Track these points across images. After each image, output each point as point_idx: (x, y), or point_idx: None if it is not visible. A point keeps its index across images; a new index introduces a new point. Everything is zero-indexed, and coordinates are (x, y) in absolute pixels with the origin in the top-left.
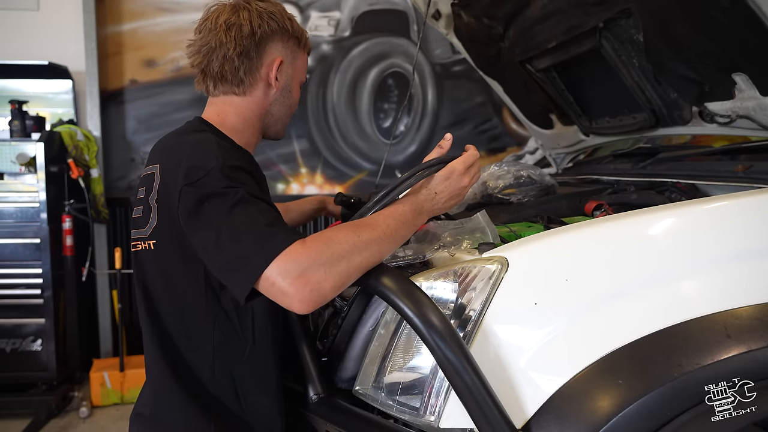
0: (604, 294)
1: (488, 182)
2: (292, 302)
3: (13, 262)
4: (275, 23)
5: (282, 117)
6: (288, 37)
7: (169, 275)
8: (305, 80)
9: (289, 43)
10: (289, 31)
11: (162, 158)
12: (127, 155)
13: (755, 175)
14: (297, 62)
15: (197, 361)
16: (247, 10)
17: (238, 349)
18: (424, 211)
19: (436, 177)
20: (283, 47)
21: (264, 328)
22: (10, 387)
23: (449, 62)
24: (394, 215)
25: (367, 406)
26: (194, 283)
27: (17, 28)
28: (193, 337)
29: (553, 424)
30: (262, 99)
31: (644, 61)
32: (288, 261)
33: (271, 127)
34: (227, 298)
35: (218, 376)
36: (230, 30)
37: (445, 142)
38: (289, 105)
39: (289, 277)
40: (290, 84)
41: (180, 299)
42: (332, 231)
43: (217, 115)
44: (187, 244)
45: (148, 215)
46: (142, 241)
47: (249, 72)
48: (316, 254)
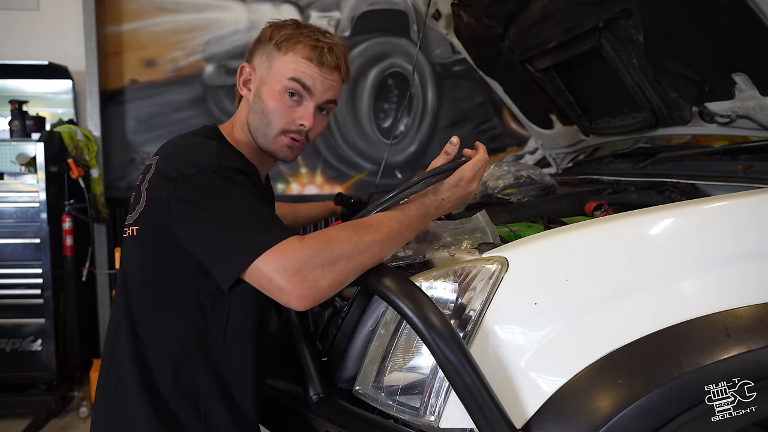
0: (604, 294)
1: (488, 182)
2: (290, 298)
3: (13, 262)
4: (261, 34)
5: (260, 128)
6: (267, 44)
7: (148, 262)
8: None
9: (267, 49)
10: (267, 38)
11: (163, 152)
12: (127, 155)
13: (755, 175)
14: (273, 65)
15: (163, 357)
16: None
17: (206, 347)
18: (430, 216)
19: (445, 183)
20: (260, 54)
21: (237, 330)
22: (10, 387)
23: (449, 62)
24: (399, 218)
25: (367, 406)
26: (172, 272)
27: (17, 28)
28: (163, 329)
29: (553, 424)
30: (243, 109)
31: (644, 61)
32: (286, 258)
33: (257, 140)
34: (206, 292)
35: (182, 375)
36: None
37: (451, 147)
38: (261, 112)
39: (287, 274)
40: (261, 89)
41: (156, 287)
42: (334, 230)
43: (229, 125)
44: (169, 233)
45: (137, 203)
46: (128, 227)
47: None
48: (315, 252)
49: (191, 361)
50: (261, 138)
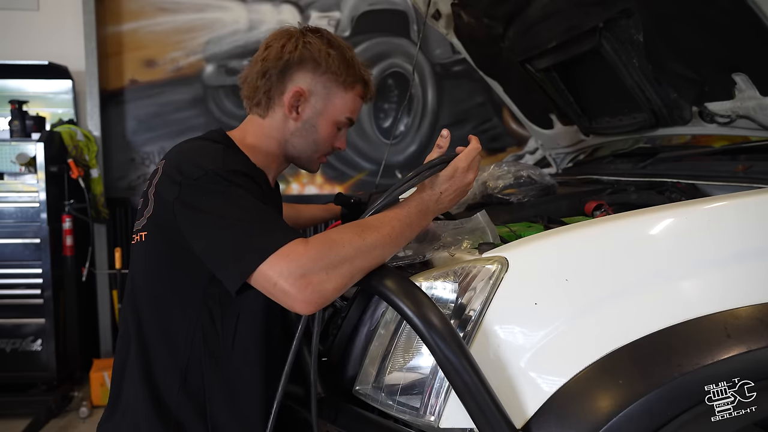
0: (604, 294)
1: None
2: (295, 303)
3: (13, 262)
4: (308, 53)
5: (305, 151)
6: (322, 71)
7: (157, 268)
8: (347, 121)
9: (322, 78)
10: (323, 65)
11: (170, 156)
12: (127, 155)
13: (755, 175)
14: (332, 99)
15: (171, 365)
16: (290, 37)
17: (214, 353)
18: (430, 212)
19: (440, 176)
20: (312, 79)
21: (246, 335)
22: (10, 387)
23: (449, 62)
24: (399, 217)
25: (367, 406)
26: (181, 278)
27: (17, 28)
28: (172, 336)
29: (553, 424)
30: (281, 126)
31: (644, 61)
32: (290, 262)
33: (296, 160)
34: (214, 297)
35: (190, 383)
36: (264, 50)
37: (443, 140)
38: (312, 140)
39: (291, 278)
40: (315, 119)
41: (165, 294)
42: (336, 232)
43: (239, 131)
44: (177, 238)
45: (145, 208)
46: (136, 234)
47: (267, 94)
48: (319, 255)
49: (200, 369)
50: (302, 160)
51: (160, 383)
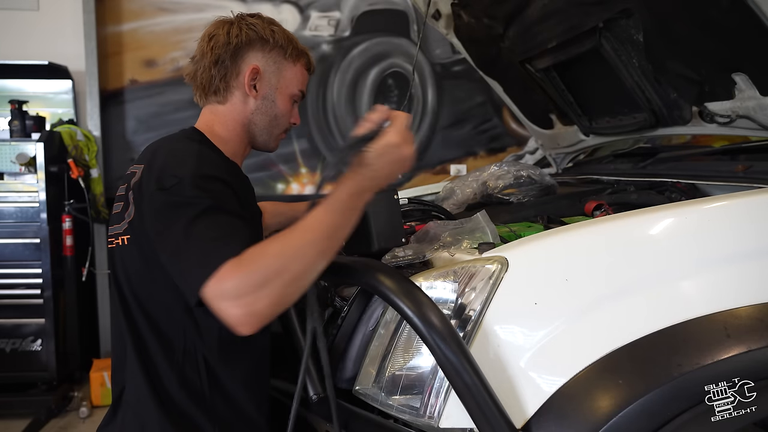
0: (604, 294)
1: (488, 182)
2: (233, 325)
3: (13, 262)
4: (254, 33)
5: (266, 127)
6: (269, 47)
7: (142, 272)
8: (299, 94)
9: (272, 54)
10: (270, 41)
11: (146, 159)
12: (127, 155)
13: (755, 175)
14: (283, 73)
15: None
16: (231, 23)
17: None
18: (367, 189)
19: (370, 153)
20: (263, 57)
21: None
22: (10, 387)
23: (449, 62)
24: (329, 208)
25: (367, 406)
26: (162, 280)
27: (17, 28)
28: (163, 334)
29: (553, 424)
30: (241, 108)
31: (644, 61)
32: (224, 283)
33: (257, 137)
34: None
35: (188, 379)
36: (210, 41)
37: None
38: (273, 115)
39: (225, 301)
40: (273, 94)
41: (150, 295)
42: (263, 245)
43: (205, 125)
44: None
45: (125, 211)
46: (116, 237)
47: (224, 80)
48: (246, 274)
49: (195, 366)
50: (264, 135)
51: (162, 377)
